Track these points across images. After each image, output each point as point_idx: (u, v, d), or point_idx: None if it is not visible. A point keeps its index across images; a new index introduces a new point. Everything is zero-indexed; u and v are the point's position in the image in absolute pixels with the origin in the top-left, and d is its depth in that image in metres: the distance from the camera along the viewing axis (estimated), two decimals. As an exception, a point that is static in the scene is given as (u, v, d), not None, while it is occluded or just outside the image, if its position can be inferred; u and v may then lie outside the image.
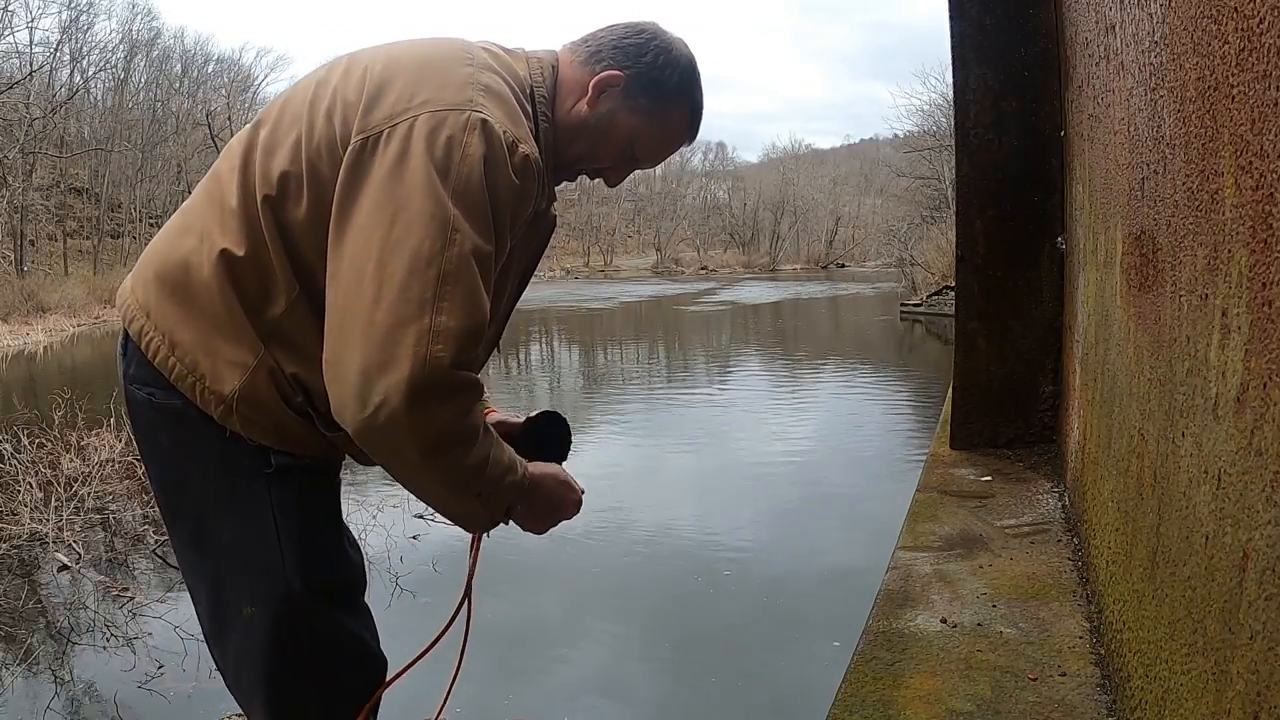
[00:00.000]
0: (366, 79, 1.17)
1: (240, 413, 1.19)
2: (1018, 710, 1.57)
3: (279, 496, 1.24)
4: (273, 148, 1.19)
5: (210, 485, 1.25)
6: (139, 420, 1.29)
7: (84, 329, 23.56)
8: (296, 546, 1.25)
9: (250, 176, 1.19)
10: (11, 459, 6.30)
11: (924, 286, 24.44)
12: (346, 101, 1.16)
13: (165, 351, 1.21)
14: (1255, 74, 0.85)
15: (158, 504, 1.35)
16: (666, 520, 5.89)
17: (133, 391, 1.27)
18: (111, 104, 38.49)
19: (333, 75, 1.24)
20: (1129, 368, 1.61)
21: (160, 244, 1.29)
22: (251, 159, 1.21)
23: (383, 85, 1.15)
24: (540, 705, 3.55)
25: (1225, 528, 0.96)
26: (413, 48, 1.24)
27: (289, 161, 1.17)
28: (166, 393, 1.23)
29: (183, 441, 1.25)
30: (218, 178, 1.25)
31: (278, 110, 1.25)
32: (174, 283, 1.22)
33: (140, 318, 1.24)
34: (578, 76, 1.29)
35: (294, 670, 1.27)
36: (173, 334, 1.21)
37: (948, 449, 3.40)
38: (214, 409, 1.20)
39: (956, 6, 3.19)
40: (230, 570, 1.26)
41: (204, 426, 1.22)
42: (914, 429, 9.01)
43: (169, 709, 3.50)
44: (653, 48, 1.29)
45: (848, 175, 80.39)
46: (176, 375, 1.21)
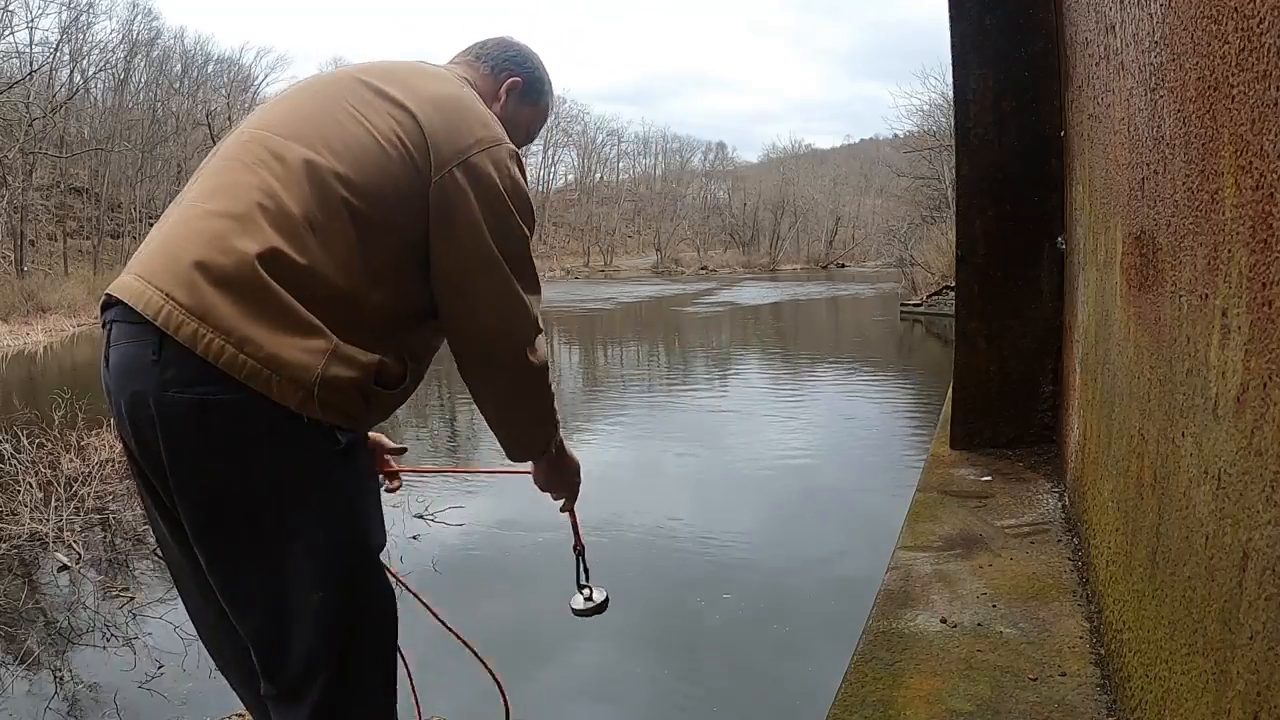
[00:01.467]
0: (418, 115, 1.40)
1: (321, 398, 1.29)
2: (1018, 710, 1.57)
3: (349, 470, 1.37)
4: (345, 160, 1.35)
5: (285, 475, 1.31)
6: (180, 426, 1.27)
7: (84, 329, 23.56)
8: (366, 513, 1.40)
9: (319, 186, 1.33)
10: (11, 459, 6.30)
11: (924, 286, 24.45)
12: (407, 131, 1.39)
13: (233, 350, 1.25)
14: (1255, 74, 0.85)
15: (195, 515, 1.33)
16: (665, 520, 5.89)
17: (173, 397, 1.26)
18: (111, 104, 38.49)
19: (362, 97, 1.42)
20: (1129, 368, 1.62)
21: (193, 244, 1.29)
22: (316, 168, 1.34)
23: (438, 122, 1.41)
24: (539, 705, 3.55)
25: (1225, 528, 0.96)
26: (438, 85, 1.48)
27: (365, 178, 1.35)
28: (224, 388, 1.25)
29: (247, 436, 1.28)
30: (259, 184, 1.32)
31: (306, 120, 1.40)
32: (235, 283, 1.26)
33: (190, 322, 1.25)
34: (488, 85, 1.64)
35: (362, 639, 1.39)
36: (239, 332, 1.25)
37: (948, 449, 3.40)
38: (293, 398, 1.27)
39: (957, 7, 3.19)
40: (302, 555, 1.32)
41: (273, 418, 1.28)
42: (914, 429, 9.01)
43: (169, 709, 3.50)
44: (527, 56, 1.70)
45: (848, 175, 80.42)
46: (249, 372, 1.25)
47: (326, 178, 1.34)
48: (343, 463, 1.35)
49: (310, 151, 1.35)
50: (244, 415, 1.27)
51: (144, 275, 1.32)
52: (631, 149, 79.95)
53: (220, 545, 1.34)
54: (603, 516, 6.00)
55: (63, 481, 6.03)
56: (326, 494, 1.34)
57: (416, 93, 1.43)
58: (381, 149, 1.37)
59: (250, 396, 1.26)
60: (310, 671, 1.35)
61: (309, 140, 1.37)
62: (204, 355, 1.25)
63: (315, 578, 1.33)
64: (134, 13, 44.22)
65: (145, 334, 1.29)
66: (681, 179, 78.42)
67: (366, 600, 1.40)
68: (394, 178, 1.36)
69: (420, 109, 1.40)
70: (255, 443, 1.29)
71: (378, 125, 1.38)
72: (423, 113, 1.40)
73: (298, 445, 1.31)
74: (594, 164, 76.14)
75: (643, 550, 5.40)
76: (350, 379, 1.32)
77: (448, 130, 1.40)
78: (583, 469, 1.78)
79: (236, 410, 1.27)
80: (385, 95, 1.41)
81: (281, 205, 1.31)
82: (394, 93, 1.42)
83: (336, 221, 1.33)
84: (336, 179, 1.34)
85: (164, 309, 1.27)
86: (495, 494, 6.52)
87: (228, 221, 1.30)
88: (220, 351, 1.25)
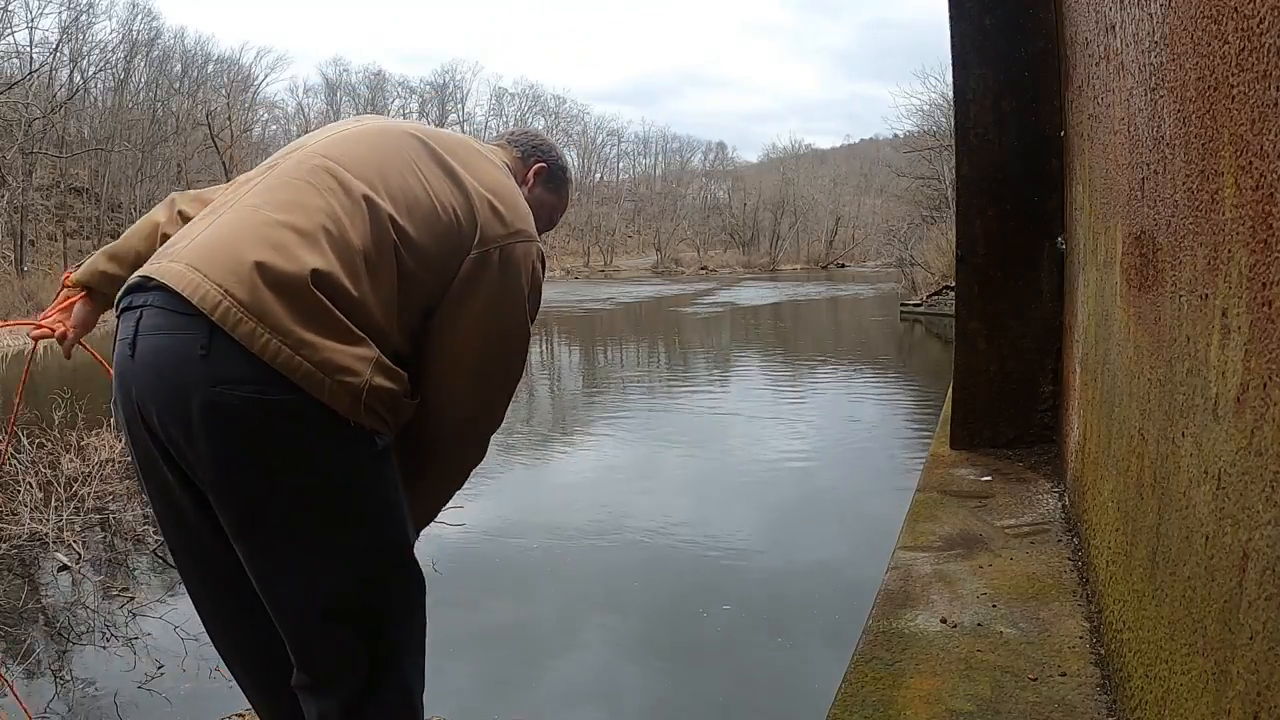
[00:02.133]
0: (473, 197, 1.51)
1: (367, 404, 1.35)
2: (1018, 710, 1.57)
3: (388, 472, 1.45)
4: (402, 211, 1.44)
5: (334, 475, 1.38)
6: (232, 423, 1.29)
7: (84, 329, 23.55)
8: (402, 513, 1.49)
9: (377, 225, 1.41)
10: (12, 459, 6.30)
11: (924, 286, 24.44)
12: (461, 207, 1.50)
13: (289, 352, 1.29)
14: (1255, 74, 0.85)
15: (240, 511, 1.36)
16: (665, 521, 5.89)
17: (224, 393, 1.28)
18: (111, 104, 38.46)
19: (424, 159, 1.52)
20: (1129, 368, 1.62)
21: (251, 244, 1.33)
22: (376, 208, 1.42)
23: (490, 207, 1.52)
24: (538, 706, 3.55)
25: (1225, 528, 0.96)
26: (494, 173, 1.59)
27: (415, 230, 1.44)
28: (280, 389, 1.29)
29: (299, 437, 1.33)
30: (324, 206, 1.39)
31: (372, 163, 1.48)
32: (292, 291, 1.31)
33: (248, 320, 1.28)
34: (519, 169, 1.76)
35: (396, 632, 1.47)
36: (296, 335, 1.30)
37: (948, 449, 3.40)
38: (343, 403, 1.33)
39: (957, 7, 3.19)
40: (345, 553, 1.40)
41: (324, 421, 1.33)
42: (914, 429, 9.01)
43: (169, 709, 3.50)
44: (551, 145, 1.84)
45: (848, 175, 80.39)
46: (304, 374, 1.30)
47: (383, 219, 1.42)
48: (382, 465, 1.43)
49: (371, 190, 1.43)
50: (298, 416, 1.32)
51: (198, 267, 1.31)
52: (631, 149, 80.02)
53: (265, 541, 1.38)
54: (602, 518, 6.00)
55: (63, 481, 6.02)
56: (370, 495, 1.42)
57: (477, 175, 1.55)
58: (435, 212, 1.46)
59: (303, 399, 1.30)
60: (345, 663, 1.42)
61: (370, 180, 1.44)
62: (260, 354, 1.27)
63: (356, 574, 1.41)
64: (134, 13, 44.11)
65: (194, 326, 1.29)
66: (681, 179, 78.39)
67: (402, 596, 1.48)
68: (439, 240, 1.46)
69: (477, 192, 1.52)
70: (307, 443, 1.34)
71: (436, 190, 1.48)
72: (479, 195, 1.51)
73: (345, 447, 1.37)
74: (594, 164, 76.15)
75: (642, 551, 5.40)
76: (390, 389, 1.40)
77: (497, 217, 1.52)
78: (582, 469, 1.90)
79: (291, 411, 1.31)
80: (446, 167, 1.52)
81: (345, 234, 1.38)
82: (456, 167, 1.53)
83: (385, 263, 1.41)
84: (391, 223, 1.42)
85: (221, 304, 1.28)
86: (495, 496, 6.53)
87: (294, 234, 1.35)
88: (277, 352, 1.28)
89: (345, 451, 1.37)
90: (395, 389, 1.41)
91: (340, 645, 1.42)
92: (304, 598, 1.40)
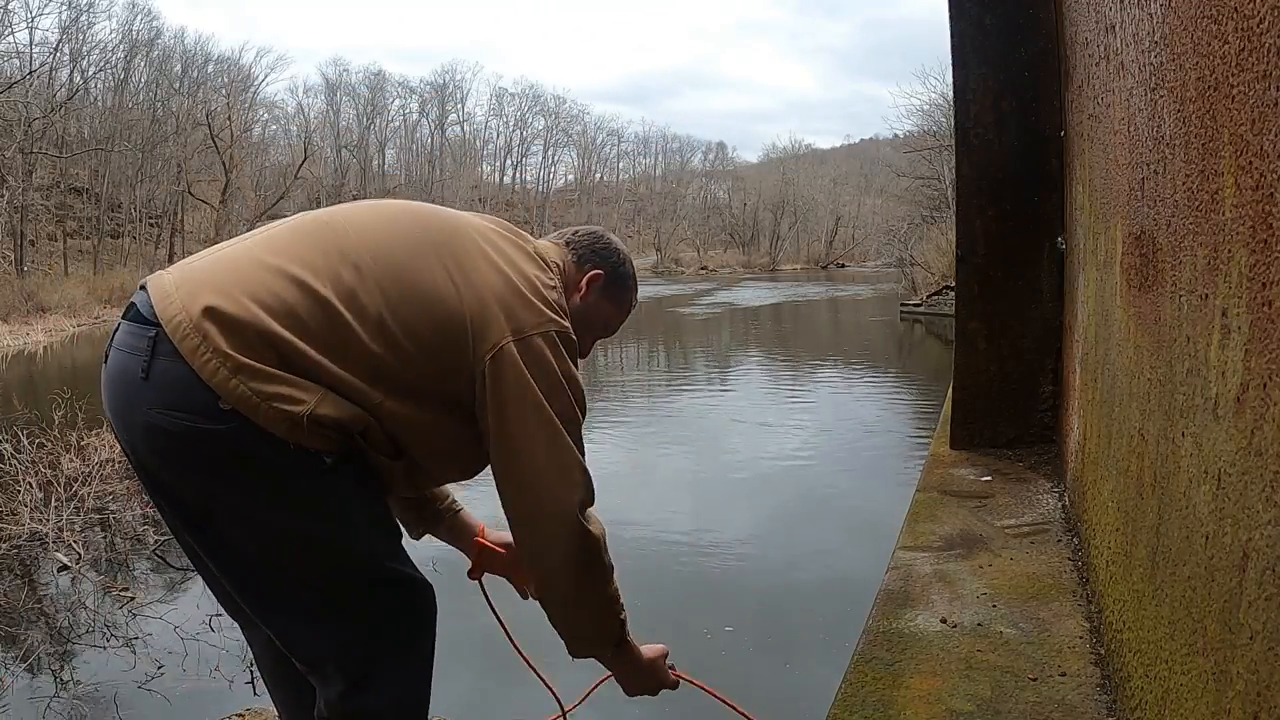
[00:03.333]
0: (478, 297, 1.42)
1: (309, 429, 1.31)
2: (1018, 710, 1.57)
3: (334, 484, 1.38)
4: (396, 292, 1.39)
5: (275, 492, 1.35)
6: (164, 445, 1.32)
7: (84, 329, 23.55)
8: (354, 524, 1.43)
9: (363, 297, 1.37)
10: (11, 459, 6.30)
11: (924, 286, 24.44)
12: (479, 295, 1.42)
13: (226, 374, 1.28)
14: (1255, 74, 0.85)
15: (177, 519, 1.40)
16: (664, 522, 5.88)
17: (157, 419, 1.30)
18: (111, 104, 38.45)
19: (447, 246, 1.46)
20: (1129, 368, 1.61)
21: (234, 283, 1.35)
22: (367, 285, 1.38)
23: (500, 301, 1.43)
24: (536, 706, 3.55)
25: (1225, 528, 0.96)
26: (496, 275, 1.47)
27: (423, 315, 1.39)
28: (213, 417, 1.29)
29: (226, 461, 1.32)
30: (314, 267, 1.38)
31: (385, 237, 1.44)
32: (245, 333, 1.31)
33: (193, 336, 1.30)
34: (573, 274, 1.66)
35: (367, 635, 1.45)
36: (235, 360, 1.29)
37: (948, 449, 3.40)
38: (280, 426, 1.30)
39: (956, 6, 3.19)
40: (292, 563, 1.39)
41: (259, 442, 1.31)
42: (914, 429, 9.01)
43: (169, 709, 3.50)
44: (614, 251, 1.72)
45: (848, 175, 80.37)
46: (238, 396, 1.28)
47: (371, 287, 1.38)
48: (333, 482, 1.38)
49: (364, 271, 1.39)
50: (230, 440, 1.30)
51: (179, 284, 1.37)
52: (631, 149, 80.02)
53: (221, 557, 1.41)
54: (601, 518, 5.99)
55: (63, 481, 6.03)
56: (317, 511, 1.38)
57: (494, 264, 1.47)
58: (441, 297, 1.41)
59: (240, 425, 1.29)
60: (321, 663, 1.44)
61: (366, 257, 1.40)
62: (199, 371, 1.28)
63: (314, 588, 1.41)
64: (134, 13, 44.11)
65: (144, 345, 1.33)
66: (681, 179, 78.38)
67: (375, 607, 1.45)
68: (441, 325, 1.40)
69: (490, 282, 1.44)
70: (241, 466, 1.33)
71: (450, 278, 1.42)
72: (491, 286, 1.44)
73: (286, 470, 1.34)
74: (594, 164, 76.18)
75: (641, 551, 5.40)
76: (339, 418, 1.34)
77: (507, 308, 1.43)
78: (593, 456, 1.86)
79: (224, 437, 1.30)
80: (467, 253, 1.45)
81: (328, 294, 1.36)
82: (475, 255, 1.46)
83: (367, 328, 1.37)
84: (383, 299, 1.38)
85: (177, 316, 1.31)
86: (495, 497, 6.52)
87: (267, 278, 1.36)
88: (215, 372, 1.28)
89: (281, 473, 1.34)
90: (345, 418, 1.35)
91: (311, 650, 1.44)
92: (266, 605, 1.43)
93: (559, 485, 1.47)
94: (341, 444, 1.38)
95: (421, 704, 1.54)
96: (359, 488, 1.45)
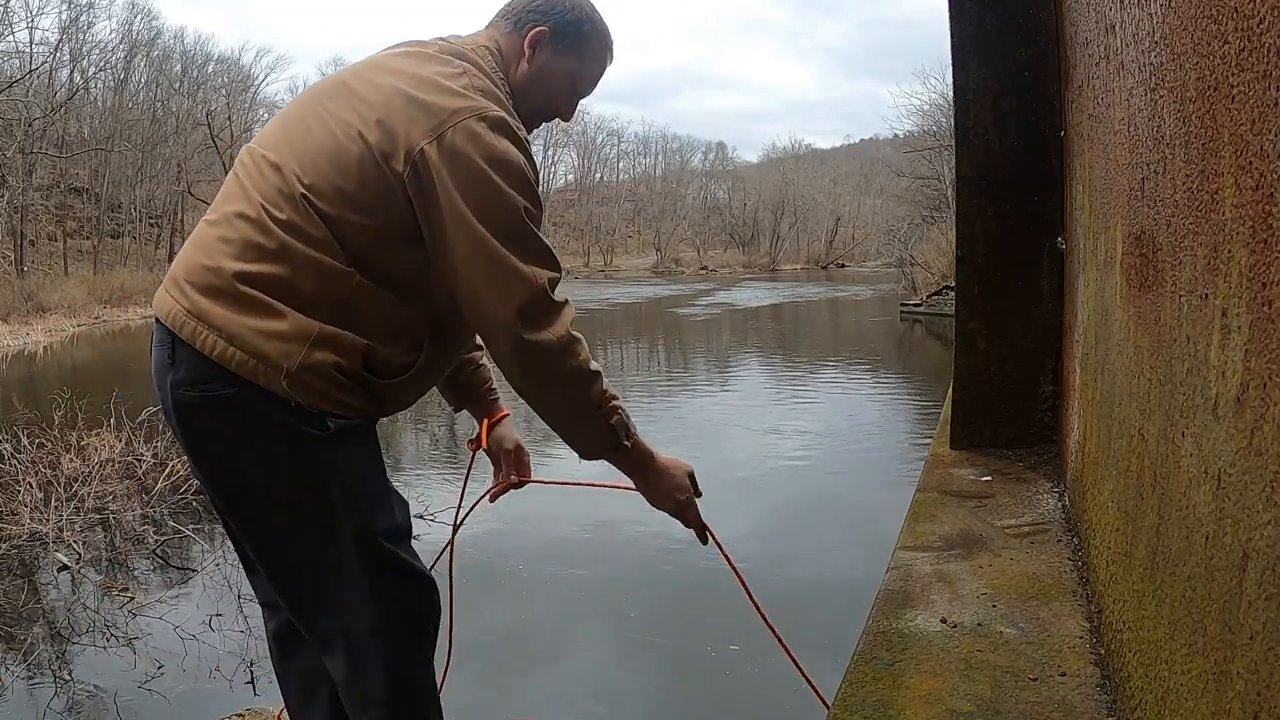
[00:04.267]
0: (378, 107, 1.39)
1: (304, 381, 1.36)
2: (1018, 710, 1.57)
3: (341, 454, 1.44)
4: (305, 163, 1.40)
5: (277, 458, 1.41)
6: (193, 422, 1.41)
7: (84, 329, 23.54)
8: (361, 496, 1.47)
9: (286, 189, 1.39)
10: (11, 459, 6.30)
11: (924, 286, 24.45)
12: (368, 125, 1.38)
13: (224, 344, 1.36)
14: (1255, 74, 0.85)
15: (218, 500, 1.49)
16: (663, 521, 5.88)
17: (182, 396, 1.40)
18: (111, 104, 38.47)
19: (337, 96, 1.45)
20: (1129, 368, 1.62)
21: (195, 254, 1.43)
22: (285, 174, 1.40)
23: (402, 111, 1.38)
24: (535, 708, 3.55)
25: (1225, 528, 0.96)
26: (402, 73, 1.44)
27: (323, 176, 1.38)
28: (224, 382, 1.37)
29: (244, 424, 1.39)
30: (243, 193, 1.43)
31: (282, 129, 1.47)
32: (220, 291, 1.38)
33: (190, 321, 1.38)
34: (513, 44, 1.55)
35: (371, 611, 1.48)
36: (229, 329, 1.36)
37: (948, 449, 3.40)
38: (278, 383, 1.36)
39: (956, 7, 3.19)
40: (305, 533, 1.45)
41: (267, 406, 1.37)
42: (914, 429, 9.01)
43: (169, 709, 3.50)
44: (558, 1, 1.57)
45: (848, 175, 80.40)
46: (238, 363, 1.35)
47: (290, 178, 1.39)
48: (332, 446, 1.42)
49: (276, 155, 1.43)
50: (241, 407, 1.38)
51: (167, 288, 1.47)
52: (631, 149, 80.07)
53: (241, 523, 1.48)
54: (601, 518, 6.00)
55: (63, 481, 6.02)
56: (320, 478, 1.43)
57: (385, 82, 1.42)
58: (340, 145, 1.39)
59: (245, 389, 1.37)
60: (328, 636, 1.49)
61: (278, 147, 1.45)
62: (204, 351, 1.37)
63: (321, 557, 1.46)
64: (134, 13, 44.19)
65: (168, 337, 1.43)
66: (681, 179, 78.41)
67: (376, 583, 1.49)
68: (352, 171, 1.38)
69: (383, 101, 1.39)
70: (251, 431, 1.40)
71: (345, 122, 1.40)
72: (385, 104, 1.39)
73: (290, 432, 1.40)
74: (594, 164, 76.19)
75: (642, 552, 5.40)
76: (334, 363, 1.38)
77: (407, 117, 1.37)
78: (576, 469, 1.86)
79: (234, 403, 1.38)
80: (355, 92, 1.43)
81: (259, 212, 1.39)
82: (361, 88, 1.43)
83: (305, 219, 1.38)
84: (298, 180, 1.39)
85: (173, 311, 1.41)
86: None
87: (215, 233, 1.43)
88: (213, 345, 1.36)
89: (290, 436, 1.39)
90: (342, 363, 1.38)
91: (318, 620, 1.49)
92: (285, 575, 1.49)
93: (495, 302, 1.39)
94: (345, 399, 1.41)
95: (423, 693, 1.57)
96: (367, 461, 1.50)
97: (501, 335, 1.42)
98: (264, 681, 3.62)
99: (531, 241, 1.42)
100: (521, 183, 1.40)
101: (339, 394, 1.41)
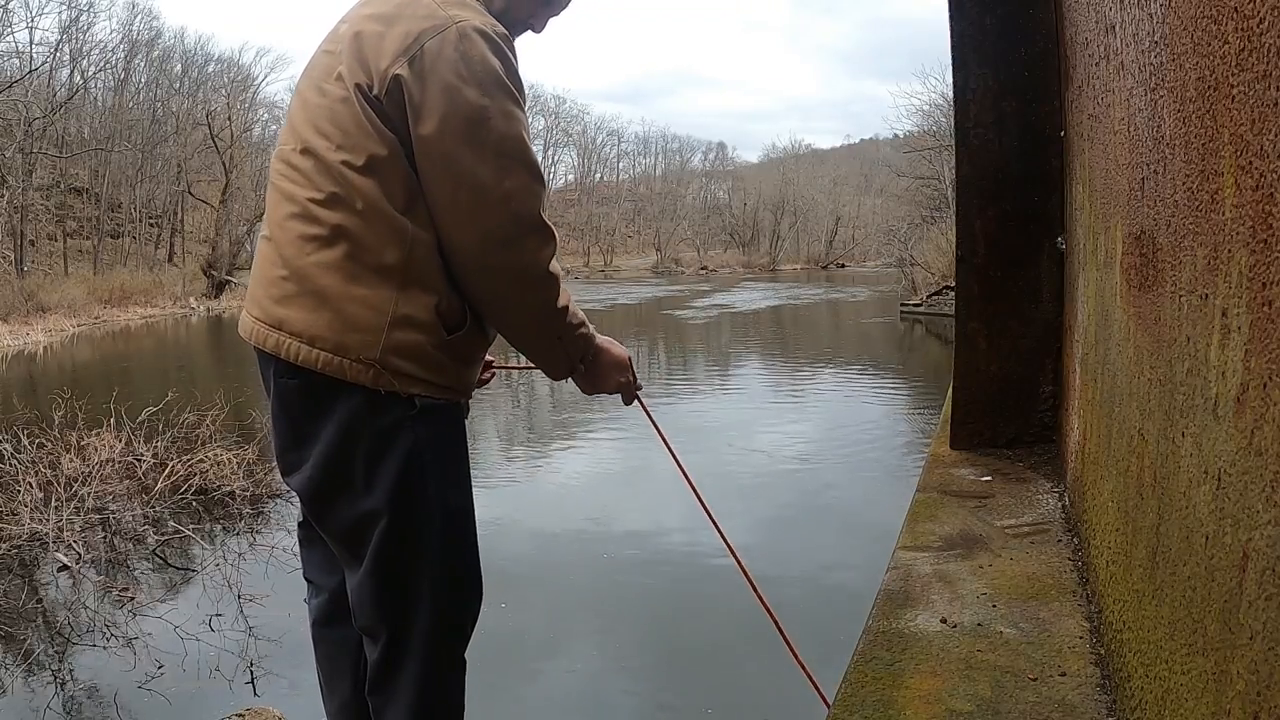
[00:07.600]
0: (346, 46, 1.42)
1: (391, 367, 1.40)
2: (1018, 710, 1.57)
3: (424, 433, 1.46)
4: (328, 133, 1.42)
5: (359, 440, 1.44)
6: (288, 401, 1.48)
7: (84, 329, 23.53)
8: (444, 475, 1.50)
9: (322, 165, 1.41)
10: (11, 459, 6.30)
11: (924, 286, 24.44)
12: (348, 68, 1.41)
13: (307, 350, 1.40)
14: (1255, 74, 0.85)
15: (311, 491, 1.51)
16: (663, 521, 5.89)
17: (283, 383, 1.47)
18: (111, 104, 38.45)
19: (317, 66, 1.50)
20: (1129, 368, 1.62)
21: (263, 269, 1.49)
22: (318, 154, 1.42)
23: (370, 41, 1.40)
24: (533, 711, 3.55)
25: (1225, 528, 0.96)
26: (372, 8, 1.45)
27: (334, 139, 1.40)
28: (307, 378, 1.43)
29: (327, 413, 1.44)
30: (283, 197, 1.47)
31: (291, 124, 1.50)
32: (291, 293, 1.43)
33: (271, 334, 1.44)
34: None
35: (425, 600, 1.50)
36: (308, 332, 1.40)
37: (947, 449, 3.40)
38: (366, 376, 1.40)
39: (956, 6, 3.19)
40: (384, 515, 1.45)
41: (348, 391, 1.41)
42: (914, 429, 9.02)
43: (169, 709, 3.50)
44: None
45: (848, 175, 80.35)
46: (324, 363, 1.40)
47: (323, 155, 1.42)
48: (416, 425, 1.45)
49: (299, 143, 1.46)
50: (325, 390, 1.43)
51: (248, 309, 1.53)
52: (631, 149, 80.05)
53: (315, 507, 1.52)
54: (598, 519, 5.99)
55: (63, 481, 6.02)
56: (397, 457, 1.44)
57: (347, 29, 1.45)
58: (337, 102, 1.41)
59: (327, 381, 1.41)
60: (375, 624, 1.50)
61: (297, 136, 1.47)
62: (287, 358, 1.42)
63: (392, 536, 1.46)
64: (134, 13, 44.21)
65: (257, 355, 1.51)
66: (681, 179, 78.39)
67: (437, 562, 1.50)
68: (347, 119, 1.40)
69: (350, 40, 1.42)
70: (332, 412, 1.44)
71: (330, 79, 1.44)
72: (353, 41, 1.42)
73: (371, 413, 1.43)
74: (594, 164, 76.18)
75: (641, 552, 5.40)
76: (417, 340, 1.42)
77: (374, 46, 1.39)
78: (580, 471, 1.88)
79: (317, 387, 1.43)
80: (332, 49, 1.47)
81: (304, 206, 1.43)
82: (331, 45, 1.48)
83: (346, 188, 1.40)
84: (330, 152, 1.41)
85: (255, 329, 1.48)
86: (491, 496, 6.52)
87: (272, 244, 1.48)
88: (298, 353, 1.41)
89: (371, 417, 1.43)
90: (422, 336, 1.42)
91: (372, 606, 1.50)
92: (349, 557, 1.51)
93: (460, 226, 1.41)
94: (434, 375, 1.44)
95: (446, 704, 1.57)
96: (454, 443, 1.52)
97: (462, 256, 1.45)
98: (264, 681, 3.62)
99: (519, 150, 1.41)
100: (502, 90, 1.40)
101: (425, 372, 1.44)
